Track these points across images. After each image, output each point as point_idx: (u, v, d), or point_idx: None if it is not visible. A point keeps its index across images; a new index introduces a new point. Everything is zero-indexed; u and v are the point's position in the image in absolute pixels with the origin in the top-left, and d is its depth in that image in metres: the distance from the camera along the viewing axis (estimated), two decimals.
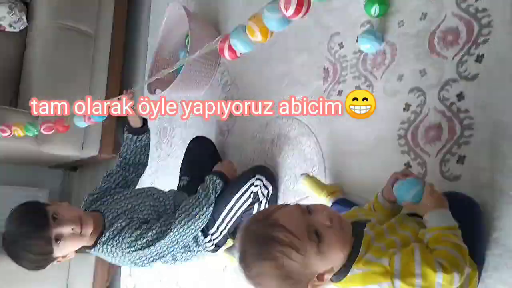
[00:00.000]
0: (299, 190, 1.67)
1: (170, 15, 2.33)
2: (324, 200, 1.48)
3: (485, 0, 1.21)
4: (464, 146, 1.22)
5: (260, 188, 1.69)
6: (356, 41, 1.53)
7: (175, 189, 1.99)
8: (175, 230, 1.57)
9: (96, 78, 2.84)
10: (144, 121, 1.87)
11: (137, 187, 1.88)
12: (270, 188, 1.71)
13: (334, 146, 1.58)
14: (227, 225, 1.72)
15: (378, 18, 1.48)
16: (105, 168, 3.03)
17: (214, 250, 1.81)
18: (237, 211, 1.70)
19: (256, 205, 1.71)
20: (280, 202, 1.75)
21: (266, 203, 1.72)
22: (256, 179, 1.69)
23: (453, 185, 1.22)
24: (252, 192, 1.68)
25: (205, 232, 1.72)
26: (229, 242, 1.85)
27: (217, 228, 1.72)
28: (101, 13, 2.89)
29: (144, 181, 2.26)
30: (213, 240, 1.75)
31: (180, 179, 2.05)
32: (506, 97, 1.14)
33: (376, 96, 1.46)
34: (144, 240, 1.53)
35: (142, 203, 1.67)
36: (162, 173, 2.57)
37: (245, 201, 1.69)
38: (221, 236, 1.75)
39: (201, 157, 2.04)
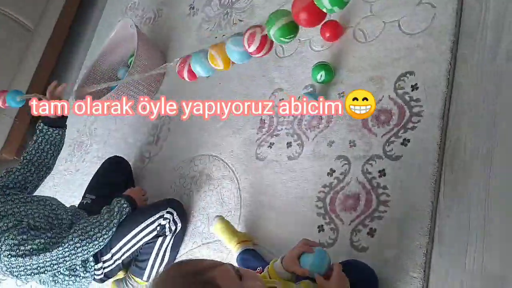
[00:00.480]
0: (207, 233, 1.62)
1: (120, 31, 2.28)
2: (233, 247, 1.45)
3: (420, 92, 1.32)
4: (377, 220, 1.27)
5: (169, 222, 1.61)
6: (298, 98, 1.59)
7: (76, 206, 1.84)
8: (66, 245, 1.43)
9: (23, 72, 2.65)
10: (64, 117, 1.73)
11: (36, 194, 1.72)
12: (179, 225, 1.64)
13: (254, 195, 1.57)
14: (123, 254, 1.61)
15: (322, 84, 1.55)
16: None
17: (102, 280, 1.67)
18: (138, 241, 1.60)
19: (160, 239, 1.62)
20: (186, 241, 1.68)
21: (171, 239, 1.64)
22: (167, 212, 1.61)
23: (359, 255, 1.25)
24: (159, 224, 1.60)
25: (97, 258, 1.59)
26: (120, 274, 1.72)
27: (112, 256, 1.60)
28: (47, 11, 2.77)
29: (43, 193, 2.08)
30: (104, 268, 1.62)
31: (84, 197, 1.91)
32: (423, 183, 1.22)
33: (305, 156, 1.49)
34: (28, 247, 1.37)
35: (36, 210, 1.52)
36: (65, 188, 2.39)
37: (149, 233, 1.60)
38: (114, 265, 1.63)
39: (113, 178, 1.93)
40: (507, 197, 1.09)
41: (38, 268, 1.42)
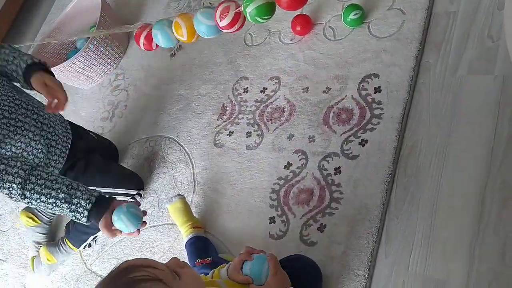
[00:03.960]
0: (157, 216, 1.58)
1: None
2: (185, 231, 1.42)
3: (382, 95, 1.34)
4: (328, 216, 1.28)
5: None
6: (261, 90, 1.58)
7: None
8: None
9: None
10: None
11: None
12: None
13: (208, 181, 1.54)
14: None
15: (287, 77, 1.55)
16: None
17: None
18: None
19: None
20: None
21: None
22: (138, 194, 1.60)
23: (308, 250, 1.25)
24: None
25: None
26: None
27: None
28: None
29: None
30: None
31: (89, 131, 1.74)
32: (376, 184, 1.24)
33: (263, 147, 1.49)
34: None
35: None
36: None
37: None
38: None
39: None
40: (453, 205, 1.13)
41: None
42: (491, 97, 1.19)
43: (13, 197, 1.19)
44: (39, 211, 1.75)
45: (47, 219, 1.75)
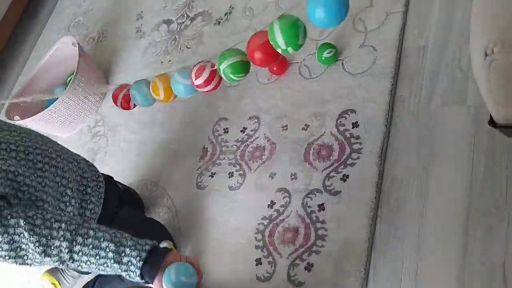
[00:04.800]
0: None
1: (60, 48, 2.19)
2: None
3: (360, 129, 1.36)
4: (314, 255, 1.26)
5: None
6: (241, 130, 1.59)
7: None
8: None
9: None
10: None
11: None
12: None
13: (192, 225, 1.52)
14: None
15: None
16: None
17: None
18: None
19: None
20: None
21: None
22: None
23: None
24: None
25: None
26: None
27: None
28: None
29: None
30: None
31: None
32: (360, 219, 1.24)
33: (246, 187, 1.48)
34: None
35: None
36: None
37: None
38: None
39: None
40: (438, 237, 1.13)
41: None
42: (466, 127, 1.22)
43: (63, 263, 0.98)
44: (62, 275, 1.61)
45: (69, 285, 1.64)
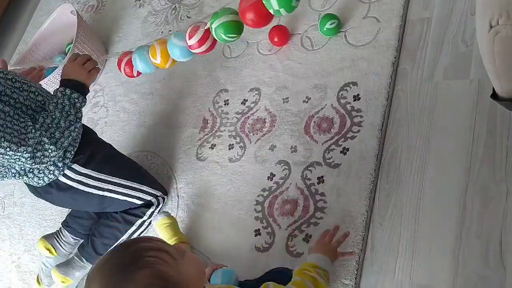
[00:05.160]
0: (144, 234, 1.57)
1: (58, 17, 2.16)
2: None
3: (362, 102, 1.35)
4: (313, 226, 1.28)
5: (154, 209, 1.52)
6: (242, 102, 1.58)
7: None
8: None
9: None
10: None
11: None
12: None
13: (192, 196, 1.53)
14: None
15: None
16: None
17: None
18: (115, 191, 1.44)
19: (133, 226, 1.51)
20: None
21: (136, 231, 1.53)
22: (162, 198, 1.54)
23: (294, 261, 1.25)
24: (147, 200, 1.50)
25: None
26: None
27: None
28: None
29: None
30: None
31: None
32: (359, 192, 1.24)
33: (246, 159, 1.48)
34: None
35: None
36: None
37: (134, 196, 1.47)
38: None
39: None
40: (436, 210, 1.14)
41: None
42: (468, 101, 1.21)
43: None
44: (58, 242, 1.63)
45: (65, 251, 1.64)
